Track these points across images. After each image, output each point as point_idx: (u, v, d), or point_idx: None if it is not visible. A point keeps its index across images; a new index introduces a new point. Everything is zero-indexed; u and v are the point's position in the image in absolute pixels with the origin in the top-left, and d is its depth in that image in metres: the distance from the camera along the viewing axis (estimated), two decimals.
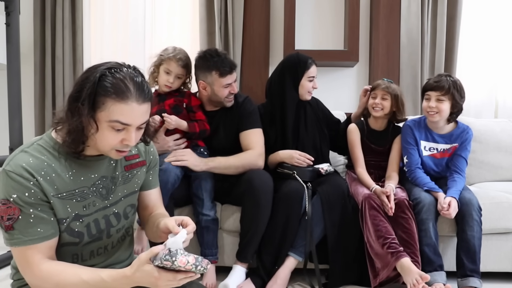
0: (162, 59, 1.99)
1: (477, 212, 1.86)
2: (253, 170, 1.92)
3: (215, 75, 1.96)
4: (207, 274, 1.89)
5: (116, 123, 0.99)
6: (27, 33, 3.09)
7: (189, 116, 2.01)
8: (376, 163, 2.14)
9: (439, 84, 1.96)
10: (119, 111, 0.98)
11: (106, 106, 0.98)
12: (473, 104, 3.10)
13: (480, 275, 1.82)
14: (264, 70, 3.03)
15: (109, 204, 1.14)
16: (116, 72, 0.99)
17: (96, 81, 0.97)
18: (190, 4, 3.14)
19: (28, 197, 0.98)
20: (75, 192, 1.06)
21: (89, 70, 1.01)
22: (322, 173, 2.04)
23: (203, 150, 2.02)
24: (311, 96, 2.20)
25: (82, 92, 0.98)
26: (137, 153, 1.22)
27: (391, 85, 2.13)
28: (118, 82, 0.98)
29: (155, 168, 1.29)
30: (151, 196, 1.28)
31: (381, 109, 2.11)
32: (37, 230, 1.00)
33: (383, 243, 1.78)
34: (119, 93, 0.98)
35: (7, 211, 0.97)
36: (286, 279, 1.88)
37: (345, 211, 1.93)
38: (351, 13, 2.89)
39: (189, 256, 0.91)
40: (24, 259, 1.01)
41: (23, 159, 0.99)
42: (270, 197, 1.86)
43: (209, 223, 1.90)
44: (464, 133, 2.04)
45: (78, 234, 1.08)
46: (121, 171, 1.17)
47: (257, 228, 1.85)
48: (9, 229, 0.98)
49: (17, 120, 2.35)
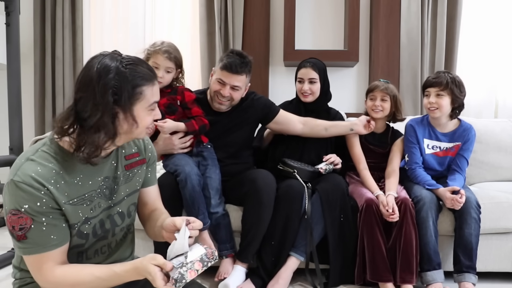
0: (149, 53, 1.93)
1: (476, 210, 1.86)
2: (257, 171, 1.92)
3: (218, 65, 1.97)
4: (223, 265, 1.91)
5: (154, 104, 1.08)
6: (27, 33, 3.10)
7: (185, 113, 1.96)
8: (376, 165, 2.13)
9: (438, 80, 1.99)
10: (154, 92, 1.07)
11: (144, 94, 1.04)
12: (473, 104, 3.10)
13: (475, 272, 1.84)
14: (264, 70, 3.03)
15: (113, 204, 1.15)
16: (134, 62, 1.04)
17: (125, 78, 1.00)
18: (190, 4, 3.14)
19: (39, 206, 0.97)
20: (84, 196, 1.06)
21: (100, 75, 0.98)
22: (322, 173, 2.04)
23: (206, 144, 1.99)
24: (308, 98, 2.15)
25: (118, 95, 0.99)
26: (137, 151, 1.22)
27: (389, 85, 2.13)
28: (141, 69, 1.04)
29: (153, 165, 1.30)
30: (150, 193, 1.28)
31: (381, 111, 2.11)
32: (50, 237, 1.00)
33: (373, 256, 1.83)
34: (148, 78, 1.05)
35: (19, 221, 0.97)
36: (288, 279, 1.88)
37: (344, 210, 1.94)
38: (351, 13, 2.89)
39: (194, 263, 0.94)
40: (37, 267, 1.01)
41: (31, 169, 0.98)
42: (272, 198, 1.86)
43: (219, 220, 1.89)
44: (467, 131, 2.04)
45: (85, 236, 1.09)
46: (122, 171, 1.17)
47: (258, 229, 1.85)
48: (22, 238, 0.98)
49: (17, 120, 2.35)
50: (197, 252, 0.98)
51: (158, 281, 0.95)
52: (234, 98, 1.98)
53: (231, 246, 1.93)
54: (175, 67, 1.94)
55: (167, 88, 1.96)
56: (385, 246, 1.84)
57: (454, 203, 1.85)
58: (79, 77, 1.01)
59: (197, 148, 1.96)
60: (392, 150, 2.14)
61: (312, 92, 2.16)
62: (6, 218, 0.98)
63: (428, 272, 1.83)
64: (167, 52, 1.90)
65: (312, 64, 2.16)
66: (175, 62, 1.93)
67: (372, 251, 1.83)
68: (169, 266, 0.96)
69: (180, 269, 0.93)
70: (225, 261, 1.92)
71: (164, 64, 1.90)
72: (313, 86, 2.15)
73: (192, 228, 1.05)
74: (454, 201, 1.84)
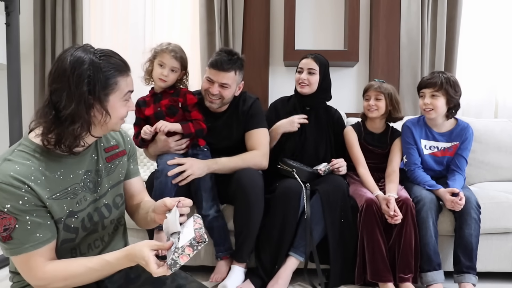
0: (156, 52, 1.96)
1: (476, 210, 1.86)
2: (243, 169, 1.89)
3: (208, 64, 1.98)
4: (218, 268, 1.92)
5: (129, 93, 1.10)
6: (27, 33, 3.09)
7: (185, 116, 1.97)
8: (375, 166, 2.13)
9: (432, 81, 1.99)
10: (129, 82, 1.09)
11: (119, 84, 1.05)
12: (473, 104, 3.10)
13: (476, 272, 1.84)
14: (264, 70, 3.03)
15: (98, 196, 1.16)
16: (105, 54, 1.05)
17: (99, 69, 1.01)
18: (190, 4, 3.14)
19: (22, 205, 0.97)
20: (67, 190, 1.07)
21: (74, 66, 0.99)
22: (321, 174, 2.03)
23: (202, 147, 1.99)
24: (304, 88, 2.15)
25: (92, 85, 1.00)
26: (116, 144, 1.24)
27: (383, 84, 2.13)
28: (115, 60, 1.06)
29: (134, 156, 1.31)
30: (134, 185, 1.30)
31: (376, 110, 2.11)
32: (36, 235, 1.00)
33: (373, 256, 1.83)
34: (122, 69, 1.07)
35: (3, 222, 0.96)
36: (287, 279, 1.88)
37: (345, 211, 1.93)
38: (351, 13, 2.89)
39: (184, 248, 0.95)
40: (26, 266, 1.01)
41: (9, 168, 0.97)
42: (260, 195, 1.84)
43: (212, 222, 1.89)
44: (465, 131, 2.04)
45: (74, 230, 1.09)
46: (104, 163, 1.18)
47: (249, 227, 1.83)
48: (7, 239, 0.97)
49: (17, 120, 2.34)
50: (188, 235, 0.99)
51: (152, 265, 0.95)
52: (224, 96, 1.97)
53: (225, 248, 1.93)
54: (180, 67, 1.96)
55: (170, 89, 1.98)
56: (385, 246, 1.84)
57: (454, 205, 1.85)
58: (52, 70, 1.02)
59: (192, 150, 1.96)
60: (391, 150, 2.14)
61: (310, 83, 2.14)
62: None
63: (428, 272, 1.83)
64: (174, 51, 1.93)
65: (314, 56, 2.17)
66: (181, 62, 1.96)
67: (372, 251, 1.83)
68: (167, 244, 0.99)
69: (172, 255, 0.95)
70: (219, 263, 1.93)
71: (170, 63, 1.92)
72: (311, 77, 2.14)
73: (183, 205, 1.08)
74: (454, 203, 1.84)
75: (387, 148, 2.15)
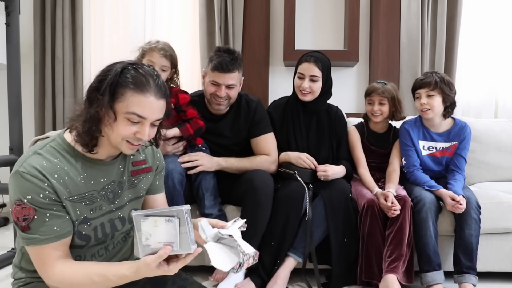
0: (144, 50, 1.91)
1: (476, 210, 1.86)
2: (254, 170, 1.90)
3: (209, 66, 1.93)
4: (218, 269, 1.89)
5: (133, 115, 1.01)
6: (27, 33, 3.09)
7: (180, 116, 1.93)
8: (377, 165, 2.13)
9: (426, 80, 1.99)
10: (137, 103, 1.01)
11: (125, 97, 1.00)
12: (473, 104, 3.10)
13: (476, 272, 1.84)
14: (264, 70, 3.03)
15: (115, 208, 1.15)
16: (139, 68, 1.03)
17: (118, 73, 1.01)
18: (190, 4, 3.14)
19: (42, 198, 0.98)
20: (85, 195, 1.07)
21: (111, 65, 1.04)
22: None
23: (201, 146, 1.97)
24: (306, 97, 2.04)
25: (103, 83, 1.01)
26: (144, 159, 1.23)
27: (386, 87, 2.12)
28: (139, 75, 1.02)
29: (161, 173, 1.30)
30: (158, 201, 1.29)
31: (380, 114, 2.11)
32: (53, 228, 1.01)
33: (372, 257, 1.83)
34: (139, 85, 1.01)
35: (22, 211, 0.98)
36: (285, 279, 1.88)
37: (348, 215, 1.91)
38: (351, 13, 2.89)
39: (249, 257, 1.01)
40: (40, 259, 1.02)
41: (36, 161, 1.00)
42: (270, 198, 1.85)
43: None
44: (463, 130, 2.04)
45: (85, 237, 1.09)
46: (128, 176, 1.18)
47: (256, 228, 1.83)
48: (25, 229, 0.99)
49: (17, 120, 2.35)
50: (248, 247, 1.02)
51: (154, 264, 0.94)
52: (231, 96, 1.96)
53: None
54: (170, 66, 1.92)
55: None
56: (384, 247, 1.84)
57: (455, 209, 1.85)
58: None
59: (190, 150, 1.94)
60: (393, 150, 2.14)
61: (312, 91, 2.02)
62: (12, 209, 1.00)
63: (428, 273, 1.82)
64: (163, 49, 1.88)
65: (315, 59, 2.00)
66: (171, 60, 1.91)
67: (372, 252, 1.83)
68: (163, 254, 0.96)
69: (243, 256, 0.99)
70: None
71: (160, 62, 1.88)
72: (314, 84, 2.01)
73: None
74: (456, 207, 1.84)
75: (389, 148, 2.15)
